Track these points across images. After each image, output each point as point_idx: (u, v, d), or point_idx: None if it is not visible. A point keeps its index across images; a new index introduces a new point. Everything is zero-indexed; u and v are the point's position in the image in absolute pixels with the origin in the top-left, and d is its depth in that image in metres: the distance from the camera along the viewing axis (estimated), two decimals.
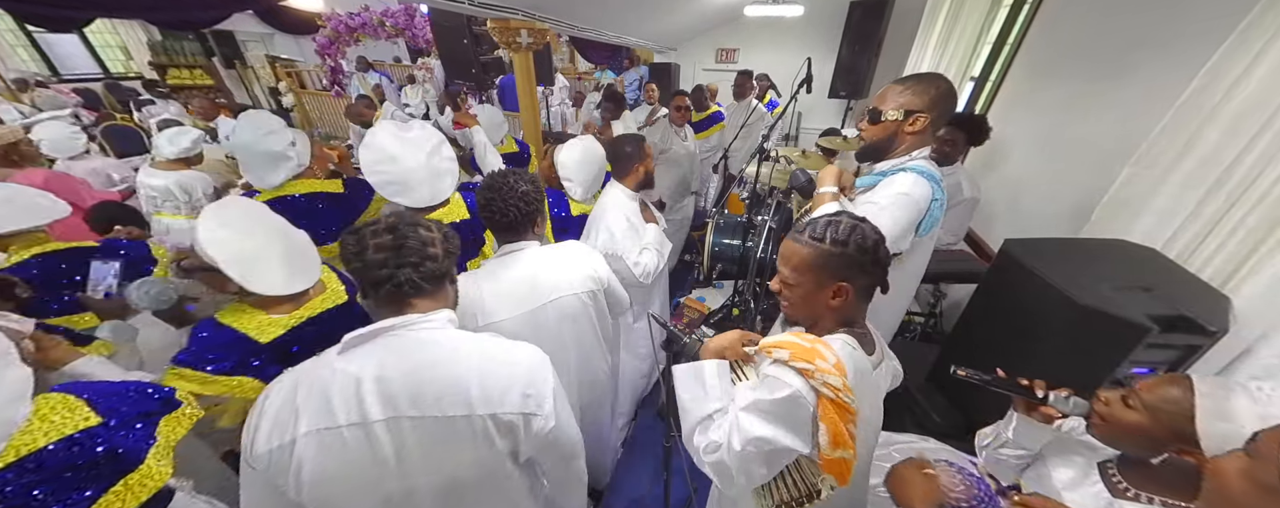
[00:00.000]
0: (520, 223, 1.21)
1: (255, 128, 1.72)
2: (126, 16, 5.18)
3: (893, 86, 1.26)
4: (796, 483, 0.88)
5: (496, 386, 0.81)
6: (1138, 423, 0.80)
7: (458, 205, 1.76)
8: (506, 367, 0.84)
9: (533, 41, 2.85)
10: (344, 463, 0.75)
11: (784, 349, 0.80)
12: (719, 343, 0.96)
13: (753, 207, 2.88)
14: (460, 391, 0.78)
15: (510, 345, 0.89)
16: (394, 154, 1.55)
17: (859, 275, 0.85)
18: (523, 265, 1.24)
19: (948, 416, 1.61)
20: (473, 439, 0.81)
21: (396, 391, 0.76)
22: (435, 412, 0.77)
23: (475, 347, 0.84)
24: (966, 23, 3.14)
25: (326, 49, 6.45)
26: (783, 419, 0.78)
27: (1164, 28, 1.72)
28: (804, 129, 5.81)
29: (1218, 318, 1.14)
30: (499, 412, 0.80)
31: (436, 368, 0.79)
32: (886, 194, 1.22)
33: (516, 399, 0.82)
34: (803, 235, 0.87)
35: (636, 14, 4.09)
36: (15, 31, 6.05)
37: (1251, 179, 1.25)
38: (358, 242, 0.79)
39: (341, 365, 0.77)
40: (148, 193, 2.60)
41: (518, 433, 0.84)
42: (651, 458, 2.15)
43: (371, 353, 0.78)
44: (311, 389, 0.75)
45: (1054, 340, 1.29)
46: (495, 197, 1.17)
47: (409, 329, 0.80)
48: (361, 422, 0.74)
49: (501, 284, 1.21)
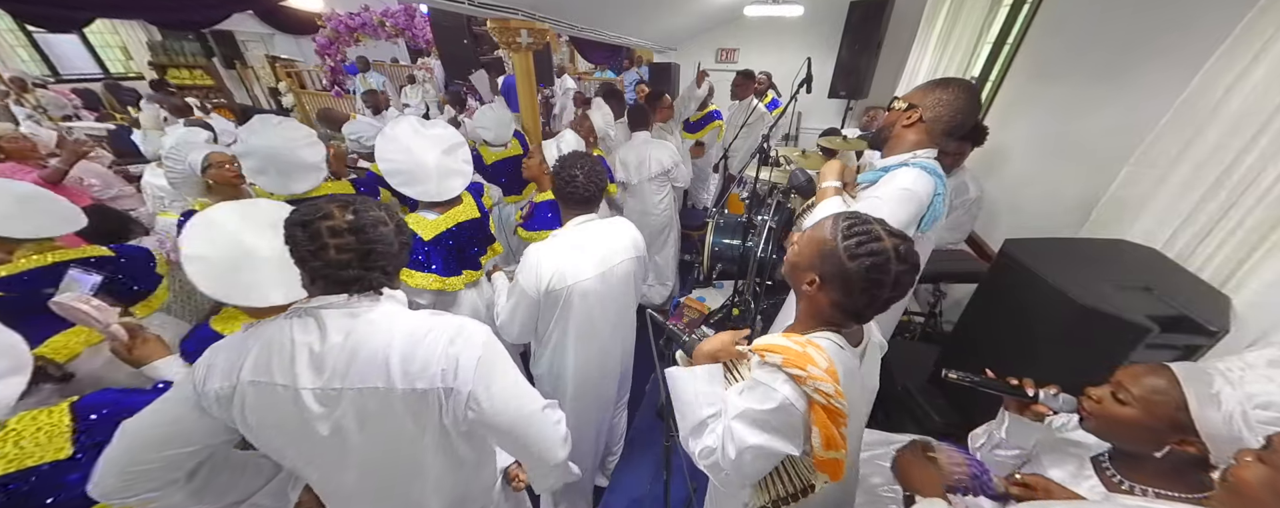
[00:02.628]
0: (588, 197, 1.39)
1: (287, 137, 1.74)
2: (126, 17, 5.18)
3: (922, 83, 1.31)
4: (791, 479, 0.91)
5: (416, 358, 0.78)
6: (1132, 416, 0.80)
7: (469, 205, 1.78)
8: (427, 340, 0.80)
9: (533, 41, 2.84)
10: (279, 416, 0.78)
11: (776, 353, 0.79)
12: (712, 346, 0.96)
13: (753, 207, 2.88)
14: (380, 363, 0.77)
15: (443, 321, 0.84)
16: (409, 146, 1.58)
17: (837, 282, 0.80)
18: (594, 233, 1.43)
19: (947, 415, 1.61)
20: (402, 412, 0.80)
21: (327, 362, 0.77)
22: (358, 384, 0.77)
23: (406, 323, 0.82)
24: (966, 23, 3.14)
25: (326, 49, 6.45)
26: (774, 428, 0.79)
27: (1164, 28, 1.73)
28: (804, 129, 5.81)
29: (1218, 318, 1.14)
30: (416, 386, 0.78)
31: (367, 341, 0.78)
32: (889, 189, 1.22)
33: (434, 372, 0.79)
34: (833, 223, 0.83)
35: (636, 14, 4.09)
36: (15, 31, 6.05)
37: (1251, 179, 1.25)
38: (312, 238, 0.74)
39: (288, 328, 0.78)
40: (154, 192, 2.62)
41: (439, 406, 0.81)
42: (651, 458, 2.15)
43: (311, 326, 0.78)
44: (258, 341, 0.78)
45: (1054, 340, 1.29)
46: (578, 174, 1.33)
47: (350, 307, 0.79)
48: (291, 385, 0.76)
49: (580, 250, 1.39)
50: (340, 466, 0.85)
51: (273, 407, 0.77)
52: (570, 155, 1.39)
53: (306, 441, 0.80)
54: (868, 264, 0.76)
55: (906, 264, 0.76)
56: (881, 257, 0.75)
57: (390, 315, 0.82)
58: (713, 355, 0.95)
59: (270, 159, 1.74)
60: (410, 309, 0.87)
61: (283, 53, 8.03)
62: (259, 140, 1.74)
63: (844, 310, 0.82)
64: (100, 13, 1.86)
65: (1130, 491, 0.83)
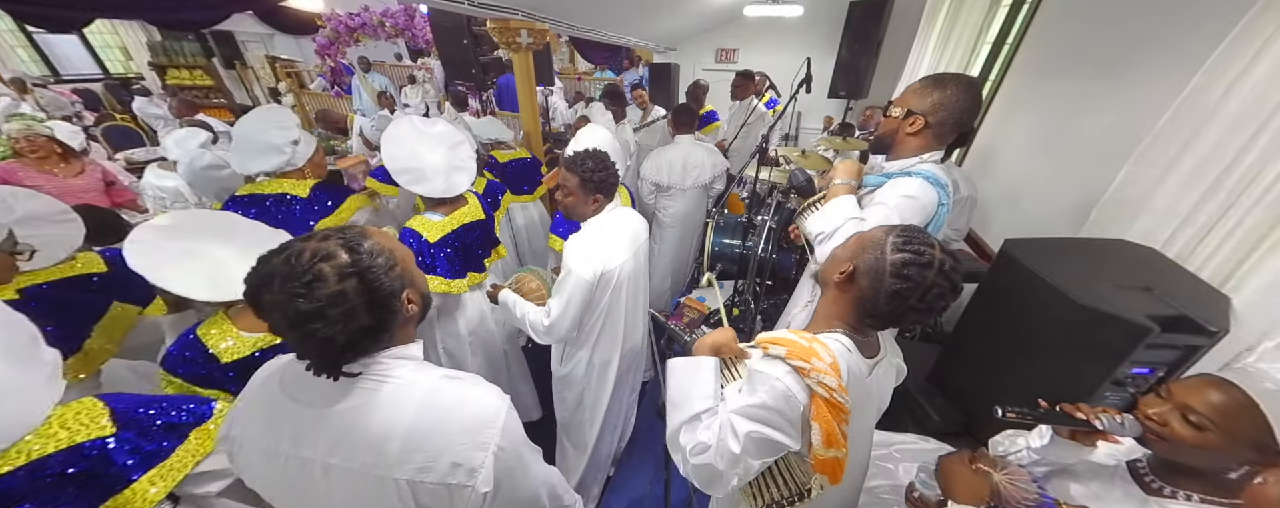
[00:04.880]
0: (614, 182, 1.46)
1: (266, 118, 1.74)
2: (126, 17, 5.17)
3: (913, 84, 1.27)
4: (786, 482, 0.88)
5: (423, 447, 0.69)
6: (1209, 441, 0.73)
7: (474, 206, 1.78)
8: (440, 426, 0.70)
9: (533, 42, 2.84)
10: (269, 472, 0.76)
11: (781, 346, 0.79)
12: (714, 339, 0.94)
13: (753, 207, 2.88)
14: (378, 446, 0.68)
15: (459, 396, 0.74)
16: (414, 147, 1.60)
17: (870, 274, 0.79)
18: (619, 218, 1.51)
19: (947, 415, 1.60)
20: (392, 500, 0.71)
21: (319, 434, 0.70)
22: (351, 464, 0.69)
23: (415, 397, 0.71)
24: (966, 23, 3.14)
25: (326, 49, 6.44)
26: (774, 420, 0.77)
27: (1163, 27, 1.72)
28: (804, 129, 5.81)
29: (1218, 318, 1.14)
30: (418, 479, 0.69)
31: (366, 416, 0.69)
32: (893, 195, 1.22)
33: (444, 466, 0.69)
34: (890, 228, 0.82)
35: (636, 14, 4.09)
36: (15, 32, 6.05)
37: (1251, 178, 1.25)
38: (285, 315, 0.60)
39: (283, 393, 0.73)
40: (156, 194, 2.61)
41: (443, 503, 0.72)
42: (651, 458, 2.15)
43: (312, 388, 0.69)
44: (256, 400, 0.76)
45: (1053, 341, 1.29)
46: (590, 163, 1.40)
47: (364, 376, 0.70)
48: (291, 452, 0.72)
49: (616, 234, 1.48)
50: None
51: (266, 458, 0.74)
52: (584, 152, 1.43)
53: (291, 492, 0.77)
54: (907, 259, 0.75)
55: (944, 278, 0.74)
56: (924, 257, 0.75)
57: (400, 383, 0.71)
58: (714, 348, 0.94)
59: (239, 136, 1.76)
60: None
61: (283, 53, 8.03)
62: (241, 122, 1.77)
63: (866, 310, 0.81)
64: (100, 13, 1.86)
65: (1172, 495, 0.79)
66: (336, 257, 0.61)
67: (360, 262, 0.63)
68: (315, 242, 0.62)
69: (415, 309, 0.73)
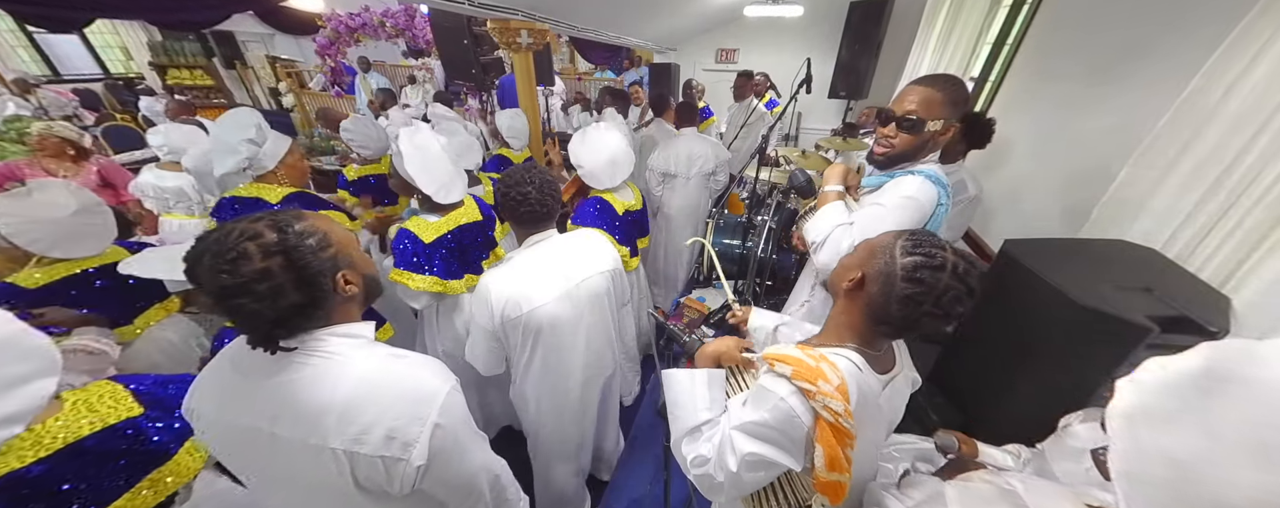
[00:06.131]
0: (544, 214, 1.26)
1: (230, 118, 1.75)
2: (126, 17, 5.18)
3: (927, 91, 1.16)
4: (787, 496, 0.87)
5: (357, 419, 0.70)
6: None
7: (471, 208, 1.78)
8: (377, 398, 0.72)
9: (533, 42, 2.84)
10: (224, 441, 0.79)
11: (787, 365, 0.75)
12: (716, 349, 0.92)
13: (753, 207, 2.88)
14: (315, 417, 0.70)
15: (402, 373, 0.76)
16: (430, 150, 1.60)
17: (880, 280, 0.76)
18: (551, 252, 1.30)
19: (947, 415, 1.60)
20: (332, 470, 0.72)
21: (261, 405, 0.72)
22: (291, 434, 0.70)
23: (355, 371, 0.73)
24: (966, 23, 3.15)
25: (326, 49, 6.44)
26: (776, 440, 0.75)
27: (1163, 28, 1.73)
28: (804, 129, 5.81)
29: (1218, 318, 1.14)
30: (353, 450, 0.71)
31: (304, 389, 0.71)
32: (893, 196, 1.21)
33: (378, 438, 0.71)
34: (898, 233, 0.79)
35: (636, 14, 4.09)
36: (15, 31, 6.04)
37: (1251, 179, 1.25)
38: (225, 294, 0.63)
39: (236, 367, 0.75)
40: (157, 194, 2.59)
41: (379, 475, 0.73)
42: (651, 458, 2.15)
43: (253, 361, 0.72)
44: (211, 372, 0.78)
45: (1053, 341, 1.29)
46: (529, 190, 1.20)
47: (300, 351, 0.72)
48: (236, 421, 0.75)
49: (537, 271, 1.27)
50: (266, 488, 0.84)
51: (221, 426, 0.78)
52: (515, 170, 1.25)
53: (243, 459, 0.81)
54: (918, 262, 0.72)
55: (959, 281, 0.71)
56: (936, 260, 0.71)
57: (341, 358, 0.73)
58: (715, 358, 0.92)
59: (211, 137, 1.80)
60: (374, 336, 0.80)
61: (283, 53, 8.02)
62: (213, 126, 1.82)
63: (877, 317, 0.78)
64: (100, 13, 1.87)
65: None
66: (262, 236, 0.64)
67: (287, 241, 0.65)
68: (247, 222, 0.65)
69: (354, 290, 0.75)
